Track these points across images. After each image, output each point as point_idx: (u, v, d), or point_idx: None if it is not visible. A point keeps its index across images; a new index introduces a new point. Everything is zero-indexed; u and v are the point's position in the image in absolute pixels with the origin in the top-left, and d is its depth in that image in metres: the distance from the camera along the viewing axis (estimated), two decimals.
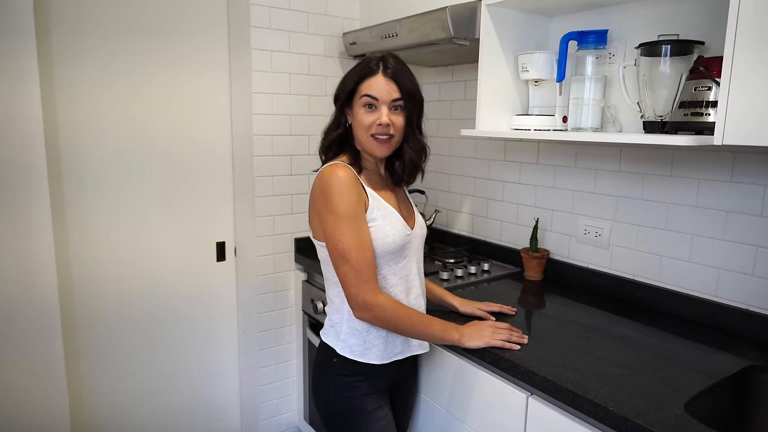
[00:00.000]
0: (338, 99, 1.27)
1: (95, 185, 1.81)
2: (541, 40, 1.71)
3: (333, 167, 1.18)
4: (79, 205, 1.80)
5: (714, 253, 1.39)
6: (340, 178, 1.15)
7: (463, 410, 1.32)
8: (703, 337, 1.32)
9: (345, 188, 1.14)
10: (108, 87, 1.79)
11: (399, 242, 1.22)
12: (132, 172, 1.87)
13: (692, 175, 1.42)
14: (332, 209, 1.14)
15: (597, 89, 1.50)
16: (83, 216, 1.81)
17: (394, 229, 1.22)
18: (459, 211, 2.21)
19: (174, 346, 2.05)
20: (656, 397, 1.01)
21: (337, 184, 1.14)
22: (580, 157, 1.70)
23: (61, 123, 1.72)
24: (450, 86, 2.18)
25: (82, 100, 1.75)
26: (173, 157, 1.94)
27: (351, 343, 1.25)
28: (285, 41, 1.95)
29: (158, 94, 1.88)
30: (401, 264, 1.26)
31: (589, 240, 1.69)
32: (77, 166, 1.77)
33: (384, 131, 1.20)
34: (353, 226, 1.14)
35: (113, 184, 1.84)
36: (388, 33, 1.79)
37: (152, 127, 1.88)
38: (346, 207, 1.14)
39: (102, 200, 1.83)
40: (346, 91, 1.24)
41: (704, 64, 1.23)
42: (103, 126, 1.80)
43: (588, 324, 1.40)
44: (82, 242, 1.81)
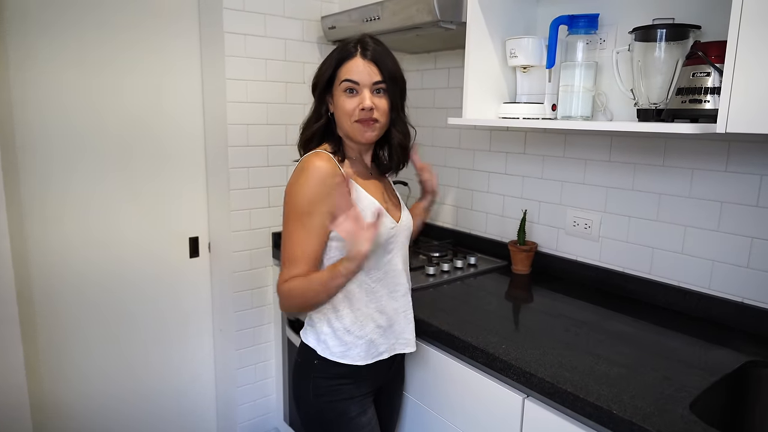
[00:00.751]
0: (317, 87, 1.19)
1: (54, 170, 1.68)
2: (528, 24, 1.65)
3: (313, 156, 1.12)
4: (37, 191, 1.66)
5: (708, 244, 1.35)
6: (316, 168, 1.09)
7: (456, 414, 1.26)
8: (699, 332, 1.29)
9: (316, 180, 1.09)
10: (68, 69, 1.66)
11: (382, 237, 1.15)
12: (94, 162, 1.74)
13: (686, 164, 1.38)
14: (294, 196, 1.10)
15: (588, 76, 1.45)
16: (41, 202, 1.67)
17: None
18: (443, 203, 2.14)
19: (145, 346, 1.94)
20: (660, 397, 0.97)
21: (310, 172, 1.09)
22: (569, 147, 1.65)
23: (17, 103, 1.59)
24: (433, 73, 2.10)
25: (40, 81, 1.62)
26: (139, 148, 1.82)
27: (332, 343, 1.17)
28: (260, 24, 1.84)
29: (122, 79, 1.76)
30: (385, 258, 1.19)
31: (578, 232, 1.65)
32: (34, 149, 1.64)
33: (368, 115, 1.13)
34: (305, 221, 1.09)
35: (74, 174, 1.71)
36: (370, 16, 1.70)
37: (115, 114, 1.76)
38: (304, 200, 1.09)
39: (62, 189, 1.70)
40: (325, 77, 1.16)
41: (702, 48, 1.18)
42: (64, 110, 1.67)
43: (580, 319, 1.35)
44: (41, 231, 1.68)
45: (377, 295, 1.18)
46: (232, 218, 1.90)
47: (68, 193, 1.71)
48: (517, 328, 1.29)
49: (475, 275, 1.71)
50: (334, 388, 1.18)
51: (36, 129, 1.63)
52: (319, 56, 2.00)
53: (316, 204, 1.08)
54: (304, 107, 1.99)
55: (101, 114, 1.73)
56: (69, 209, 1.72)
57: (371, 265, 1.16)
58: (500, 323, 1.31)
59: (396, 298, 1.22)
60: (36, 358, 1.72)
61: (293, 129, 1.99)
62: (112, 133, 1.76)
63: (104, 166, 1.76)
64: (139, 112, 1.80)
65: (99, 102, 1.72)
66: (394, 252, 1.21)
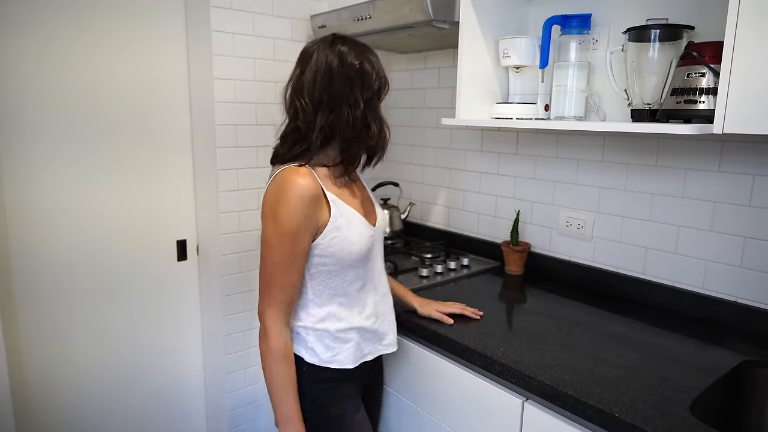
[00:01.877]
0: (378, 94, 1.13)
1: (38, 164, 1.63)
2: (520, 24, 1.64)
3: (294, 174, 1.06)
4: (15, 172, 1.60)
5: (701, 244, 1.36)
6: (299, 188, 1.04)
7: (454, 418, 1.25)
8: (694, 332, 1.29)
9: (298, 202, 1.04)
10: (50, 64, 1.61)
11: (365, 248, 1.14)
12: (81, 157, 1.69)
13: (678, 164, 1.39)
14: (277, 219, 1.05)
15: (581, 76, 1.45)
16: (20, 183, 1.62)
17: (359, 235, 1.13)
18: (434, 204, 2.13)
19: (132, 350, 1.89)
20: (660, 399, 0.96)
21: (292, 194, 1.04)
22: (562, 147, 1.65)
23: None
24: (423, 73, 2.09)
25: (21, 62, 1.57)
26: (126, 151, 1.77)
27: (319, 350, 1.15)
28: (248, 23, 1.81)
29: (106, 79, 1.71)
30: (368, 266, 1.18)
31: (571, 232, 1.65)
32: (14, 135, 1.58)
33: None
34: (288, 246, 1.06)
35: (58, 167, 1.66)
36: (361, 15, 1.68)
37: (101, 115, 1.71)
38: (291, 224, 1.04)
39: (47, 184, 1.65)
40: (384, 86, 1.13)
41: (696, 49, 1.18)
42: (43, 105, 1.62)
43: (575, 320, 1.35)
44: (18, 217, 1.62)
45: (362, 303, 1.18)
46: (221, 221, 1.86)
47: (55, 196, 1.66)
48: (513, 330, 1.28)
49: (468, 276, 1.70)
50: (325, 391, 1.17)
51: (15, 109, 1.58)
52: None
53: (303, 227, 1.06)
54: None
55: (88, 116, 1.69)
56: (56, 214, 1.67)
57: None
58: (496, 325, 1.30)
59: (377, 301, 1.22)
60: (17, 347, 1.66)
61: None
62: (99, 138, 1.71)
63: (91, 166, 1.71)
64: (125, 114, 1.76)
65: (84, 103, 1.67)
66: (373, 258, 1.20)
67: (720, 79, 1.01)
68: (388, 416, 1.45)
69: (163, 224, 1.89)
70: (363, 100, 1.09)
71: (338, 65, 1.06)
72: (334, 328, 1.15)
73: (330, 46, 1.08)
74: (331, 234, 1.09)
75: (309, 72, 1.08)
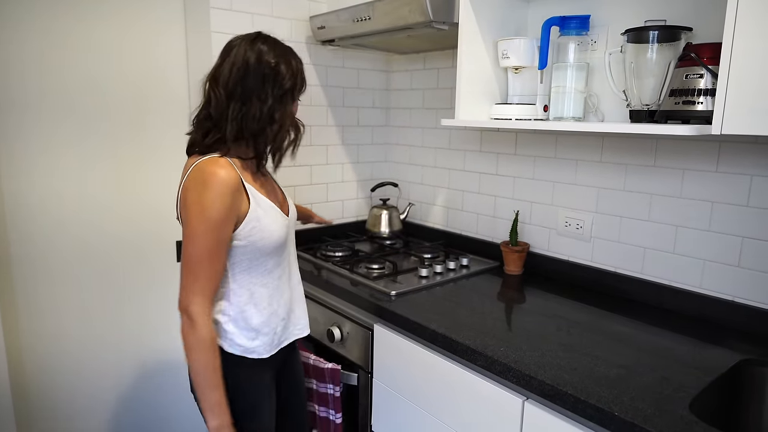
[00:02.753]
0: (292, 89, 1.18)
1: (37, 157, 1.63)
2: (519, 25, 1.65)
3: (215, 165, 1.08)
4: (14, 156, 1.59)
5: (699, 244, 1.37)
6: (221, 180, 1.07)
7: (454, 417, 1.26)
8: (692, 331, 1.30)
9: (221, 191, 1.07)
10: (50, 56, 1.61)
11: (283, 235, 1.21)
12: (78, 146, 1.69)
13: (677, 165, 1.39)
14: (203, 209, 1.07)
15: (579, 77, 1.46)
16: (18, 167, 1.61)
17: (276, 224, 1.18)
18: (433, 204, 2.13)
19: (137, 357, 1.89)
20: (659, 398, 0.97)
21: (216, 184, 1.07)
22: (560, 147, 1.66)
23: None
24: (422, 74, 2.09)
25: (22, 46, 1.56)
26: (123, 149, 1.77)
27: (238, 341, 1.19)
28: (248, 24, 1.81)
29: (106, 80, 1.71)
30: (284, 254, 1.25)
31: (569, 232, 1.66)
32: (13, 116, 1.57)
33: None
34: (213, 235, 1.08)
35: (56, 148, 1.67)
36: (360, 16, 1.68)
37: (99, 115, 1.71)
38: (216, 213, 1.07)
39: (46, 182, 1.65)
40: (299, 81, 1.20)
41: (694, 50, 1.19)
42: (44, 89, 1.62)
43: (574, 320, 1.36)
44: (16, 202, 1.62)
45: (280, 291, 1.24)
46: None
47: (52, 180, 1.66)
48: (513, 330, 1.29)
49: (467, 276, 1.71)
50: (243, 379, 1.20)
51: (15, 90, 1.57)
52: (308, 57, 1.98)
53: (224, 212, 1.08)
54: None
55: (87, 114, 1.69)
56: (52, 198, 1.67)
57: None
58: (496, 325, 1.31)
59: (293, 287, 1.30)
60: (15, 325, 1.65)
61: None
62: (102, 137, 1.72)
63: (89, 158, 1.71)
64: (123, 118, 1.76)
65: (86, 88, 1.68)
66: (288, 245, 1.27)
67: (718, 80, 1.02)
68: (387, 417, 1.46)
69: (163, 228, 1.89)
70: (272, 96, 1.13)
71: (255, 61, 1.11)
72: (256, 322, 1.19)
73: (251, 43, 1.13)
74: (251, 224, 1.13)
75: (227, 64, 1.13)
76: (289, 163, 1.97)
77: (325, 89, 2.06)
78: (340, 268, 1.73)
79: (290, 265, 1.30)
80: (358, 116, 2.18)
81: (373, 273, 1.69)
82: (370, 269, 1.72)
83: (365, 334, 1.50)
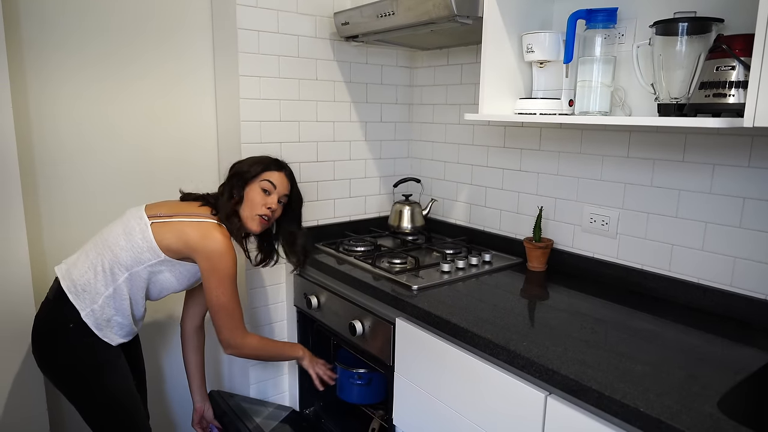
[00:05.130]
0: (244, 175, 1.50)
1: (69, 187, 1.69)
2: (545, 19, 1.63)
3: (226, 236, 1.42)
4: (53, 202, 1.67)
5: (730, 241, 1.34)
6: (230, 247, 1.42)
7: (475, 412, 1.25)
8: (721, 330, 1.27)
9: (232, 254, 1.42)
10: (83, 70, 1.65)
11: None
12: (108, 171, 1.75)
13: (706, 160, 1.36)
14: (224, 268, 1.39)
15: (606, 71, 1.43)
16: (57, 215, 1.68)
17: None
18: (455, 200, 2.13)
19: (162, 345, 1.93)
20: (686, 396, 0.95)
21: (228, 249, 1.40)
22: (586, 143, 1.64)
23: (35, 123, 1.60)
24: (445, 70, 2.09)
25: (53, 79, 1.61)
26: (152, 142, 1.82)
27: (101, 323, 1.36)
28: (273, 21, 1.83)
29: (134, 80, 1.75)
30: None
31: (595, 229, 1.63)
32: (52, 169, 1.65)
33: (268, 214, 1.49)
34: (234, 284, 1.43)
35: (89, 187, 1.72)
36: (384, 12, 1.69)
37: (128, 118, 1.76)
38: (233, 270, 1.42)
39: (77, 202, 1.71)
40: (254, 172, 1.50)
41: (726, 42, 1.16)
42: (80, 122, 1.67)
43: (599, 317, 1.34)
44: (54, 247, 1.69)
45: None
46: None
47: (81, 205, 1.71)
48: (536, 326, 1.28)
49: (490, 272, 1.70)
50: (92, 341, 1.37)
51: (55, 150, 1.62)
52: (332, 53, 1.99)
53: (235, 268, 1.43)
54: (317, 104, 2.00)
55: (112, 115, 1.73)
56: (82, 221, 1.72)
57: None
58: (518, 321, 1.30)
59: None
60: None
61: (306, 126, 1.99)
62: (125, 136, 1.76)
63: (117, 173, 1.76)
64: (152, 111, 1.80)
65: (111, 105, 1.72)
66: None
67: (750, 71, 1.00)
68: (408, 411, 1.46)
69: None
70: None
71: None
72: (126, 321, 1.41)
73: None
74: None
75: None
76: (313, 159, 2.02)
77: (349, 85, 2.07)
78: (362, 263, 1.74)
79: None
80: (381, 112, 2.19)
81: (395, 268, 1.69)
82: (392, 264, 1.72)
83: (387, 328, 1.50)
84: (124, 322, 1.40)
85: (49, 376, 1.40)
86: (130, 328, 1.43)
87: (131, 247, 1.36)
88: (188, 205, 1.48)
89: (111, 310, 1.37)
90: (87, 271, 1.36)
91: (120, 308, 1.38)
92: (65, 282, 1.37)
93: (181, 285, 1.47)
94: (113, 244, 1.37)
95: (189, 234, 1.38)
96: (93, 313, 1.35)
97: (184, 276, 1.45)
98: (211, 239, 1.38)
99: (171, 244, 1.38)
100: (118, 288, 1.36)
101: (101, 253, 1.37)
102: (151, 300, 1.49)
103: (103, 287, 1.35)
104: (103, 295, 1.35)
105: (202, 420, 1.76)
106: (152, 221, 1.39)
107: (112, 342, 1.39)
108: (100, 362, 1.38)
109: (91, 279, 1.35)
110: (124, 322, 1.40)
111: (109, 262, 1.36)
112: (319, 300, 1.80)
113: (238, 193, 1.48)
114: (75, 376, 1.38)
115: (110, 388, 1.39)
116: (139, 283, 1.39)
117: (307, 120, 1.98)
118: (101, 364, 1.38)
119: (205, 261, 1.39)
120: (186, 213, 1.43)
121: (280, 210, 1.56)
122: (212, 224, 1.41)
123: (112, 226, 1.42)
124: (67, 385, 1.39)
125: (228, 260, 1.39)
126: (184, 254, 1.40)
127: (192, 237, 1.38)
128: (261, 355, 1.58)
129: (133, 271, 1.36)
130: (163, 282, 1.43)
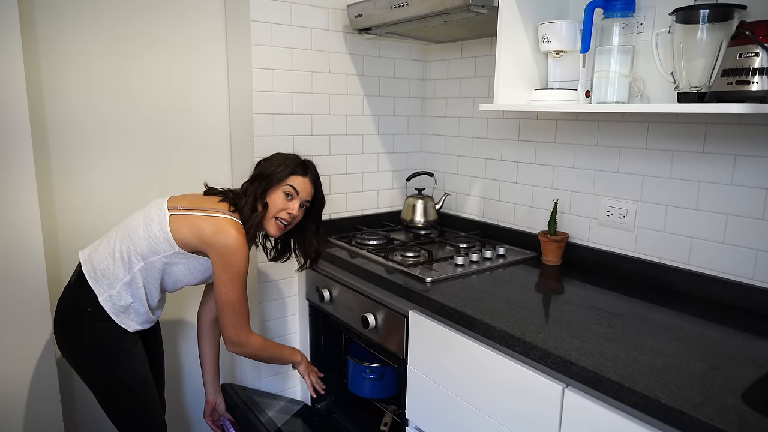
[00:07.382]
0: (269, 178, 1.48)
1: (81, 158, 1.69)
2: (561, 8, 1.61)
3: (241, 234, 1.39)
4: (64, 173, 1.66)
5: (752, 233, 1.31)
6: (244, 245, 1.40)
7: (491, 404, 1.24)
8: (743, 323, 1.24)
9: (245, 252, 1.40)
10: (97, 59, 1.66)
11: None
12: (121, 151, 1.75)
13: (728, 151, 1.33)
14: (241, 260, 1.39)
15: (624, 61, 1.41)
16: (68, 184, 1.67)
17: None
18: (469, 194, 2.11)
19: (170, 338, 1.94)
20: (709, 388, 0.93)
21: (241, 246, 1.39)
22: (603, 135, 1.61)
23: (47, 92, 1.59)
24: (459, 63, 2.07)
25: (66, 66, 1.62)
26: (167, 138, 1.82)
27: (119, 309, 1.37)
28: (286, 13, 1.83)
29: (148, 73, 1.76)
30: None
31: (612, 222, 1.61)
32: (63, 138, 1.64)
33: (288, 219, 1.48)
34: (244, 283, 1.42)
35: (100, 162, 1.72)
36: (398, 3, 1.67)
37: (141, 109, 1.76)
38: (245, 268, 1.41)
39: (89, 175, 1.71)
40: (279, 176, 1.48)
41: (749, 28, 1.13)
42: (94, 100, 1.67)
43: (616, 310, 1.32)
44: (66, 217, 1.68)
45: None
46: None
47: (93, 178, 1.72)
48: (551, 319, 1.26)
49: (504, 266, 1.68)
50: (107, 327, 1.37)
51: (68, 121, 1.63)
52: (345, 46, 1.98)
53: (247, 266, 1.42)
54: (329, 97, 1.99)
55: (127, 107, 1.74)
56: (95, 194, 1.73)
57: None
58: (534, 314, 1.28)
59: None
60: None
61: (319, 119, 1.98)
62: (143, 123, 1.76)
63: (131, 156, 1.77)
64: (166, 102, 1.80)
65: (125, 93, 1.73)
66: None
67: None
68: (422, 404, 1.45)
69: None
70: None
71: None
72: (144, 311, 1.43)
73: None
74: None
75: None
76: (326, 152, 2.01)
77: (362, 78, 2.06)
78: (375, 256, 1.73)
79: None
80: (393, 105, 2.18)
81: (408, 261, 1.68)
82: (405, 257, 1.71)
83: (400, 321, 1.49)
84: (142, 310, 1.41)
85: (68, 359, 1.42)
86: (147, 315, 1.44)
87: (149, 237, 1.36)
88: (208, 200, 1.47)
89: (129, 297, 1.38)
90: (107, 257, 1.38)
91: (137, 296, 1.39)
92: (86, 267, 1.39)
93: (195, 278, 1.47)
94: (133, 233, 1.38)
95: (204, 228, 1.38)
96: (110, 298, 1.36)
97: (198, 270, 1.45)
98: (225, 234, 1.37)
99: (185, 237, 1.38)
100: (134, 276, 1.37)
101: (121, 240, 1.38)
102: (167, 291, 1.49)
103: (121, 274, 1.36)
104: (121, 281, 1.36)
105: (214, 412, 1.76)
106: (171, 213, 1.39)
107: (129, 328, 1.40)
108: (113, 347, 1.38)
109: (110, 265, 1.37)
110: (141, 309, 1.41)
111: (128, 250, 1.37)
112: (332, 293, 1.79)
113: (262, 199, 1.46)
114: (88, 360, 1.39)
115: (122, 373, 1.40)
116: (153, 273, 1.39)
117: (319, 113, 1.98)
118: (115, 349, 1.38)
119: (218, 256, 1.38)
120: (204, 207, 1.43)
121: (302, 214, 1.54)
122: (228, 220, 1.40)
123: (135, 215, 1.43)
124: (81, 368, 1.41)
125: (240, 257, 1.38)
126: (197, 248, 1.40)
127: (206, 231, 1.38)
128: (262, 355, 1.55)
129: (149, 261, 1.37)
130: (177, 274, 1.43)
